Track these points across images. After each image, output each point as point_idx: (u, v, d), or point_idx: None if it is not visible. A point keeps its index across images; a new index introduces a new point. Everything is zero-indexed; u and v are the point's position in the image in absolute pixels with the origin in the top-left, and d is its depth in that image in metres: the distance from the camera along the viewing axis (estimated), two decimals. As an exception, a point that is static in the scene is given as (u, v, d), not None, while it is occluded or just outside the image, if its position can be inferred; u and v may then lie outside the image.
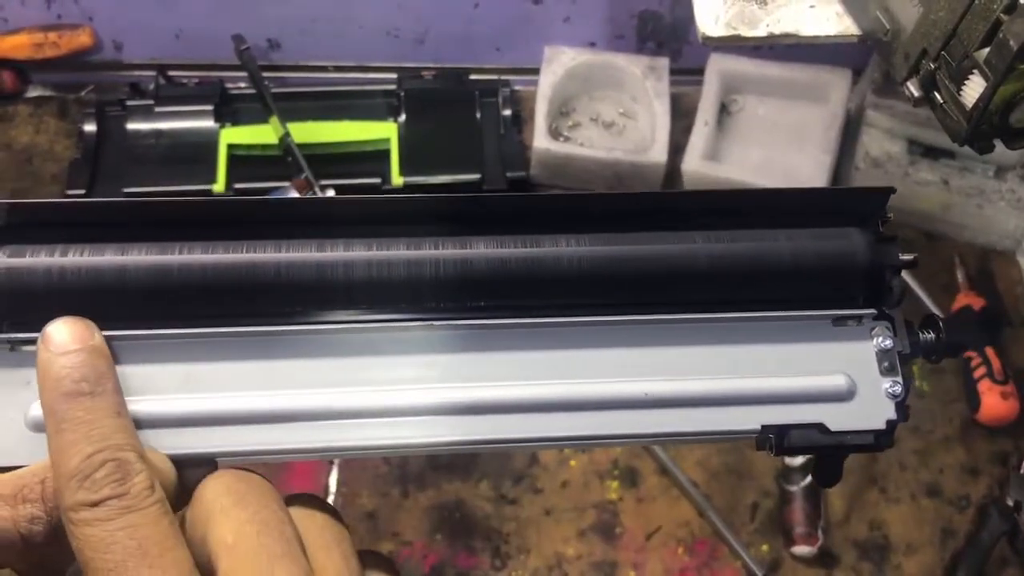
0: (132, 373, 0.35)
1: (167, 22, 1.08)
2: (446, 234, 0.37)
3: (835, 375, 0.38)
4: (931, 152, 0.99)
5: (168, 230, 0.36)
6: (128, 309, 0.35)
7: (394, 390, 0.36)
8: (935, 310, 0.96)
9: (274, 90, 1.01)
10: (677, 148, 1.02)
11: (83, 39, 1.08)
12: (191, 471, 0.34)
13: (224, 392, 0.36)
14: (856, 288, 0.39)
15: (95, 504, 0.31)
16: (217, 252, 0.36)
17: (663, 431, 0.36)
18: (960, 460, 0.91)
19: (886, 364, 0.38)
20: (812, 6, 0.70)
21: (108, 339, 0.35)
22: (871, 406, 0.38)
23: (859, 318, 0.38)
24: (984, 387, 0.91)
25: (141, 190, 1.02)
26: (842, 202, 0.40)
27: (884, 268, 0.38)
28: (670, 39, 1.10)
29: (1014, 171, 0.99)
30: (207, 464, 0.35)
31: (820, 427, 0.37)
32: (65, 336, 0.33)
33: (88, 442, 0.32)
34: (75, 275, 0.35)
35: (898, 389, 0.38)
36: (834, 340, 0.38)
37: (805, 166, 1.01)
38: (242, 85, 1.07)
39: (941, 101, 0.61)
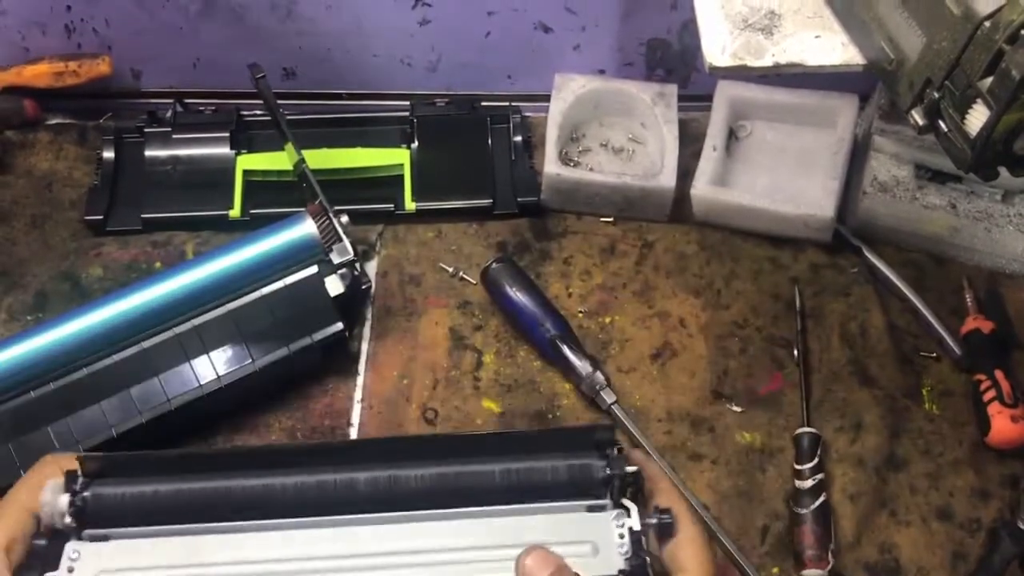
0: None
1: (185, 51, 1.10)
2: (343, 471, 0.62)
3: (585, 544, 0.59)
4: (938, 176, 1.00)
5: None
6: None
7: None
8: (943, 333, 0.97)
9: (289, 117, 1.03)
10: (686, 173, 1.03)
11: (102, 68, 1.10)
12: None
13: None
14: (600, 488, 0.61)
15: None
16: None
17: None
18: (971, 483, 0.91)
19: (620, 534, 0.59)
20: (818, 36, 0.71)
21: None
22: (610, 560, 0.59)
23: (603, 507, 0.60)
24: (994, 410, 0.91)
25: (158, 215, 1.04)
26: (585, 436, 0.63)
27: (614, 477, 0.60)
28: (679, 66, 1.12)
29: (1022, 195, 1.00)
30: None
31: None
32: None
33: None
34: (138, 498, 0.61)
35: (628, 551, 0.58)
36: (589, 520, 0.60)
37: (813, 191, 1.02)
38: (258, 113, 1.09)
39: (945, 129, 0.62)
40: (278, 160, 1.03)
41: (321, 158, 1.03)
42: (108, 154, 1.07)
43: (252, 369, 0.89)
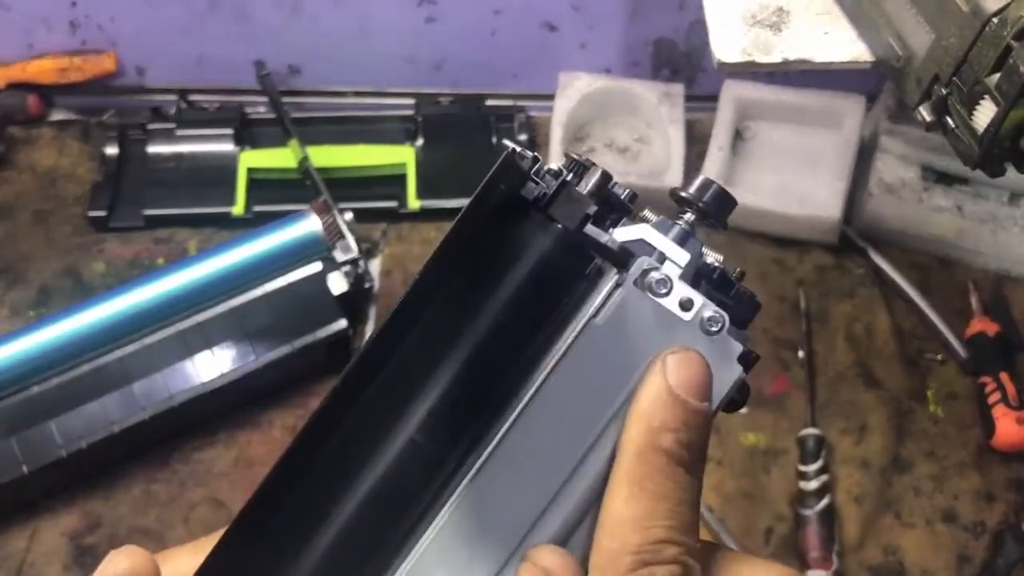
0: None
1: (189, 48, 1.10)
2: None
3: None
4: (945, 178, 1.00)
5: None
6: None
7: None
8: (949, 336, 0.96)
9: (293, 115, 1.03)
10: (691, 173, 1.03)
11: (106, 64, 1.10)
12: None
13: None
14: (591, 265, 0.32)
15: None
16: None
17: None
18: (975, 486, 0.90)
19: (679, 300, 0.31)
20: (826, 32, 0.71)
21: None
22: (715, 358, 0.30)
23: (614, 285, 0.31)
24: (999, 413, 0.90)
25: (161, 212, 1.04)
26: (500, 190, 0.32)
27: (585, 229, 0.31)
28: (685, 66, 1.12)
29: (1028, 198, 0.99)
30: None
31: None
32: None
33: (664, 525, 0.28)
34: None
35: (710, 312, 0.30)
36: (626, 327, 0.31)
37: (819, 192, 1.01)
38: (261, 110, 1.09)
39: (953, 126, 0.62)
40: (282, 157, 1.03)
41: (325, 156, 1.03)
42: (111, 150, 1.07)
43: (255, 366, 0.89)
